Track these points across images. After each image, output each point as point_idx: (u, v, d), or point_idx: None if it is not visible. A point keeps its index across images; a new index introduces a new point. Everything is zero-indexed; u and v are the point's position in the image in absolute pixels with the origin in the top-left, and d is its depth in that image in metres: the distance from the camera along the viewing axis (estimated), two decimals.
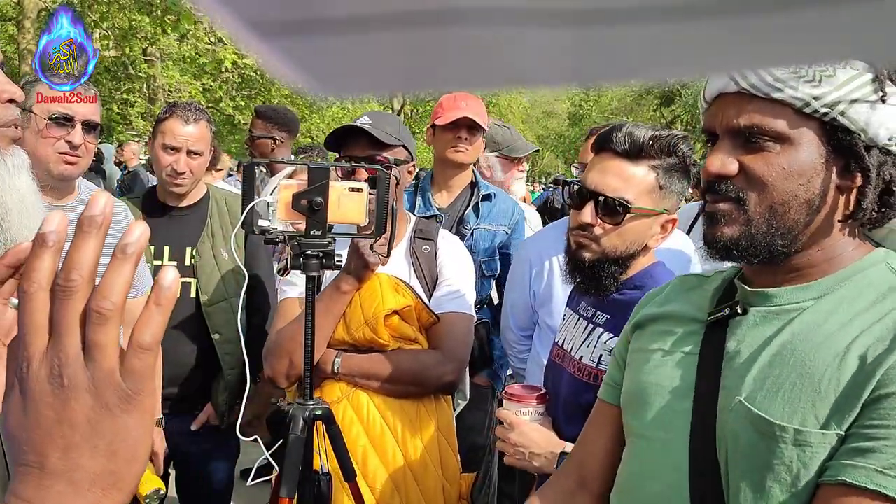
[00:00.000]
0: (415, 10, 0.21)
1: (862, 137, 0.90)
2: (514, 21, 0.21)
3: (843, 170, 0.93)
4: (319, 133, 17.09)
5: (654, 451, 1.07)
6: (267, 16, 0.22)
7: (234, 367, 2.51)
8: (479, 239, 2.69)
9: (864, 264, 0.96)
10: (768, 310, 0.99)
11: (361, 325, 1.81)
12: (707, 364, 1.02)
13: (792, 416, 0.89)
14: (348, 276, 1.80)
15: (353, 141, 1.87)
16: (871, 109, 0.89)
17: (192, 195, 2.57)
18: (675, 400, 1.05)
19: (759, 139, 0.93)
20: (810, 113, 0.91)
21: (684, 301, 1.14)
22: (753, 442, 0.92)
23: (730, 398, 0.96)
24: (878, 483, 0.81)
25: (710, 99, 1.01)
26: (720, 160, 0.96)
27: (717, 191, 0.98)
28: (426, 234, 2.01)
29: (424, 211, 2.68)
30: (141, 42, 12.40)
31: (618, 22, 0.20)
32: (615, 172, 1.49)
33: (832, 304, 0.94)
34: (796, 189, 0.93)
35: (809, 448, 0.87)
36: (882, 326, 0.88)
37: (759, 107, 0.93)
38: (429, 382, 1.85)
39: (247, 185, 1.63)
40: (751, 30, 0.20)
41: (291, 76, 0.24)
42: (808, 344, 0.92)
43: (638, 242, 1.52)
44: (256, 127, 3.66)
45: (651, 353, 1.13)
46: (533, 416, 1.56)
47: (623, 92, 29.98)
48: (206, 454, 2.60)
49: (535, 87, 0.24)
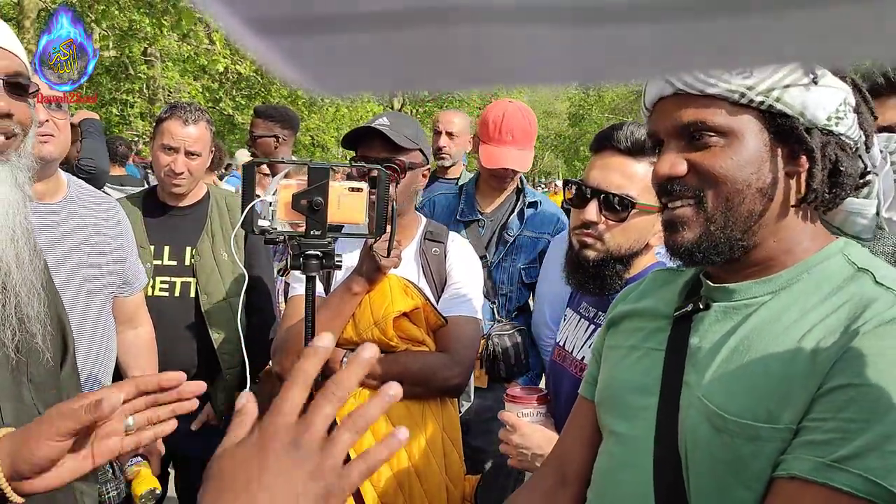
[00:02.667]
0: (414, 9, 0.21)
1: (801, 120, 0.92)
2: (515, 21, 0.21)
3: (789, 155, 0.95)
4: (319, 132, 17.09)
5: (623, 448, 1.08)
6: (267, 15, 0.22)
7: (234, 366, 2.51)
8: (521, 246, 2.68)
9: (821, 256, 0.97)
10: (729, 305, 1.00)
11: (370, 326, 1.81)
12: (672, 360, 1.04)
13: (747, 411, 0.90)
14: (360, 277, 1.81)
15: (370, 142, 1.88)
16: (805, 91, 0.91)
17: (192, 195, 2.57)
18: (642, 396, 1.06)
19: (703, 136, 0.95)
20: (747, 103, 0.93)
21: (657, 297, 1.15)
22: (711, 437, 0.93)
23: (691, 394, 0.97)
24: (827, 476, 0.81)
25: (651, 105, 1.03)
26: (668, 162, 0.98)
27: (672, 192, 0.99)
28: (436, 237, 2.01)
29: (468, 215, 2.67)
30: (141, 42, 12.39)
31: (618, 22, 0.20)
32: (618, 169, 1.50)
33: (790, 297, 0.95)
34: (749, 178, 0.94)
35: (763, 442, 0.88)
36: (835, 319, 0.89)
37: (697, 104, 0.95)
38: (435, 385, 1.85)
39: (247, 185, 1.63)
40: (748, 29, 0.20)
41: (291, 75, 0.24)
42: (764, 339, 0.93)
43: (641, 240, 1.52)
44: (257, 127, 3.66)
45: (623, 349, 1.15)
46: (534, 417, 1.56)
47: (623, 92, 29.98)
48: (206, 454, 2.59)
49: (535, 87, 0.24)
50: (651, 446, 1.02)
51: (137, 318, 2.23)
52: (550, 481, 1.26)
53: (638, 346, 1.12)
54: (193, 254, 2.49)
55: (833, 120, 0.93)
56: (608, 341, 1.21)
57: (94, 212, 2.03)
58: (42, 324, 1.26)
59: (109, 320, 2.06)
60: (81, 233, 1.97)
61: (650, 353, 1.09)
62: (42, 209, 1.89)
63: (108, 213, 2.08)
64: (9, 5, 12.01)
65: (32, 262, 1.24)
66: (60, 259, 1.89)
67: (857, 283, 0.92)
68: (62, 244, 1.91)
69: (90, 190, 2.10)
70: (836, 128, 0.93)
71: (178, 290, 2.47)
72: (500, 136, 2.65)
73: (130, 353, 2.20)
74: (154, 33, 11.51)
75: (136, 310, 2.22)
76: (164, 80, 14.00)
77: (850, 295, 0.91)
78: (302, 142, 16.30)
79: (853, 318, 0.87)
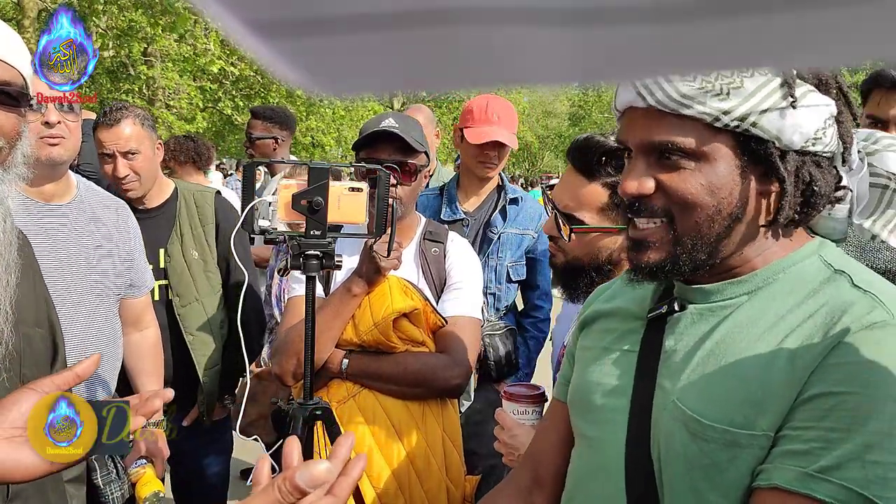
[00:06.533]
0: (415, 10, 0.21)
1: (776, 144, 0.89)
2: (515, 21, 0.21)
3: (761, 176, 0.92)
4: (318, 133, 17.08)
5: (595, 452, 1.06)
6: (267, 16, 0.22)
7: (209, 367, 2.50)
8: (506, 243, 2.69)
9: (797, 256, 0.95)
10: (704, 307, 0.98)
11: (370, 327, 1.81)
12: (645, 363, 1.01)
13: (723, 417, 0.88)
14: (360, 279, 1.81)
15: (382, 144, 1.87)
16: (781, 117, 0.88)
17: (156, 195, 2.51)
18: (613, 399, 1.04)
19: (673, 156, 0.92)
20: (721, 127, 0.89)
21: (629, 297, 1.12)
22: (686, 442, 0.91)
23: (665, 398, 0.95)
24: (810, 487, 0.80)
25: (621, 109, 0.99)
26: (636, 181, 0.95)
27: (640, 211, 0.96)
28: (436, 237, 2.01)
29: (451, 215, 2.67)
30: (140, 42, 12.39)
31: (618, 22, 0.20)
32: (569, 189, 1.51)
33: (765, 300, 0.93)
34: (719, 203, 0.91)
35: (739, 449, 0.86)
36: (811, 324, 0.87)
37: (670, 124, 0.91)
38: (436, 385, 1.85)
39: (246, 185, 1.63)
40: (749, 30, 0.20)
41: (291, 76, 0.24)
42: (739, 342, 0.91)
43: (604, 256, 1.52)
44: (256, 128, 3.65)
45: (595, 351, 1.13)
46: (531, 416, 1.56)
47: None
48: (199, 450, 2.60)
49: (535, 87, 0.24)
50: (622, 451, 1.00)
51: (144, 320, 2.22)
52: (525, 482, 1.25)
53: (610, 348, 1.10)
54: (165, 256, 2.47)
55: (810, 141, 0.90)
56: (581, 342, 1.19)
57: (102, 213, 2.03)
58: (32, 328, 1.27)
59: (116, 322, 2.06)
60: (90, 234, 1.97)
61: (622, 355, 1.06)
62: (52, 211, 1.89)
63: (116, 215, 2.08)
64: (9, 5, 12.01)
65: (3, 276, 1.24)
66: (69, 260, 1.89)
67: (833, 286, 0.90)
68: (71, 245, 1.91)
69: (98, 191, 2.10)
70: (814, 147, 0.90)
71: (156, 293, 2.42)
72: (486, 118, 2.65)
73: (136, 355, 2.20)
74: (153, 33, 11.52)
75: (142, 311, 2.21)
76: (163, 80, 13.99)
77: (828, 297, 0.89)
78: (301, 142, 16.29)
79: (832, 324, 0.85)
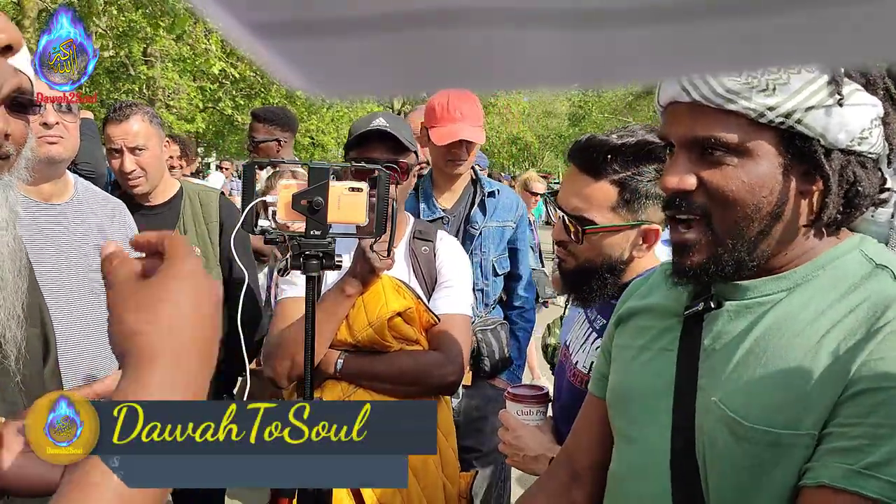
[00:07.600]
0: (414, 10, 0.21)
1: (821, 142, 0.88)
2: (514, 22, 0.21)
3: (803, 175, 0.90)
4: (318, 133, 17.08)
5: (638, 453, 1.05)
6: (266, 17, 0.22)
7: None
8: (488, 237, 2.68)
9: (838, 251, 0.94)
10: (742, 303, 0.96)
11: (365, 327, 1.81)
12: (685, 361, 1.00)
13: (766, 417, 0.87)
14: (353, 279, 1.81)
15: (375, 144, 1.88)
16: (827, 115, 0.86)
17: (162, 192, 2.53)
18: (655, 399, 1.03)
19: (716, 151, 0.91)
20: (766, 123, 0.88)
21: (664, 293, 1.10)
22: (729, 444, 0.90)
23: (706, 398, 0.94)
24: (858, 484, 0.79)
25: (664, 104, 0.98)
26: (678, 176, 0.94)
27: (680, 206, 0.95)
28: (425, 235, 2.01)
29: (430, 214, 2.66)
30: (140, 43, 12.39)
31: (618, 23, 0.20)
32: (575, 190, 1.47)
33: (805, 295, 0.92)
34: (759, 202, 0.90)
35: (784, 449, 0.86)
36: (853, 319, 0.86)
37: (713, 119, 0.90)
38: (431, 383, 1.85)
39: (247, 185, 1.63)
40: (749, 31, 0.20)
41: (291, 77, 0.24)
42: (780, 339, 0.90)
43: (616, 255, 1.48)
44: (258, 131, 3.63)
45: (632, 349, 1.11)
46: (535, 417, 1.56)
47: (622, 93, 29.96)
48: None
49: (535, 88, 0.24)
50: (667, 452, 0.98)
51: None
52: (563, 478, 1.24)
53: (648, 347, 1.08)
54: None
55: (856, 140, 0.88)
56: (617, 339, 1.17)
57: (100, 212, 2.04)
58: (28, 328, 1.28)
59: None
60: (88, 233, 1.97)
61: (661, 353, 1.05)
62: (49, 210, 1.89)
63: (113, 214, 2.08)
64: (9, 5, 12.01)
65: (16, 281, 1.25)
66: (66, 259, 1.89)
67: (875, 281, 0.89)
68: (69, 244, 1.91)
69: (96, 190, 2.10)
70: (859, 147, 0.89)
71: None
72: (449, 116, 2.60)
73: None
74: (153, 34, 11.52)
75: None
76: (163, 80, 13.99)
77: (869, 293, 0.87)
78: (301, 143, 16.30)
79: (874, 318, 0.84)
